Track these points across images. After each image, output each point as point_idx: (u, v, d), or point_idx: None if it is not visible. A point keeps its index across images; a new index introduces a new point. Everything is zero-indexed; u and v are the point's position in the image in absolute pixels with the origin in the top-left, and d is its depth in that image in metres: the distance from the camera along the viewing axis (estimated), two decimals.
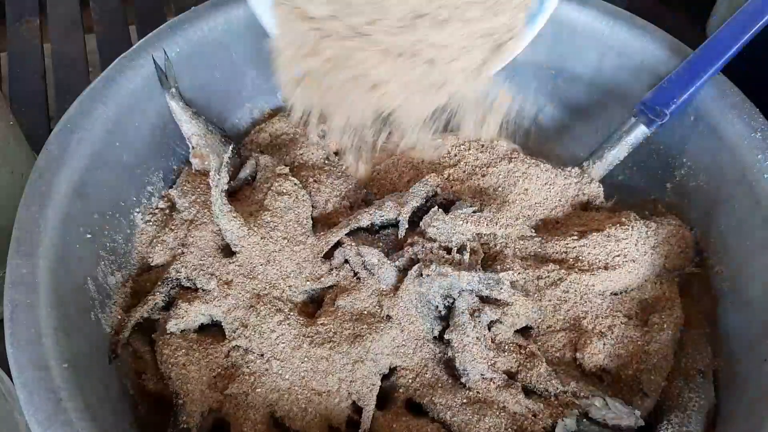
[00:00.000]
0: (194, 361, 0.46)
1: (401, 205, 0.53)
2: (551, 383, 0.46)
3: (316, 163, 0.59)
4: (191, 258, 0.50)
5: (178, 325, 0.48)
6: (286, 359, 0.46)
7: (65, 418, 0.37)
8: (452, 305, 0.49)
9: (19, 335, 0.39)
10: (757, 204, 0.49)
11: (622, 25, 0.59)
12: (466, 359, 0.46)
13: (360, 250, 0.51)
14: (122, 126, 0.51)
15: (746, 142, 0.51)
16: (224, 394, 0.46)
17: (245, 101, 0.63)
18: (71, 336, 0.41)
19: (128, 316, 0.48)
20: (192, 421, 0.44)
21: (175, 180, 0.57)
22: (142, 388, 0.47)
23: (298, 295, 0.50)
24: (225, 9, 0.58)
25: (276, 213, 0.52)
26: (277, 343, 0.47)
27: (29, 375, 0.38)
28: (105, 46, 0.79)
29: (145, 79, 0.53)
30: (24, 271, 0.41)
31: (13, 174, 0.53)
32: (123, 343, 0.47)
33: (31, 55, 0.78)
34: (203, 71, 0.58)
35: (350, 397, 0.46)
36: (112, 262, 0.49)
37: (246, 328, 0.47)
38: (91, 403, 0.39)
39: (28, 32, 0.81)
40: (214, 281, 0.49)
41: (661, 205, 0.59)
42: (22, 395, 0.37)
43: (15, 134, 0.54)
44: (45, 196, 0.45)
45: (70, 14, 0.83)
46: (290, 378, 0.46)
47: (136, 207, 0.53)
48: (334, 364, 0.46)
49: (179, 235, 0.52)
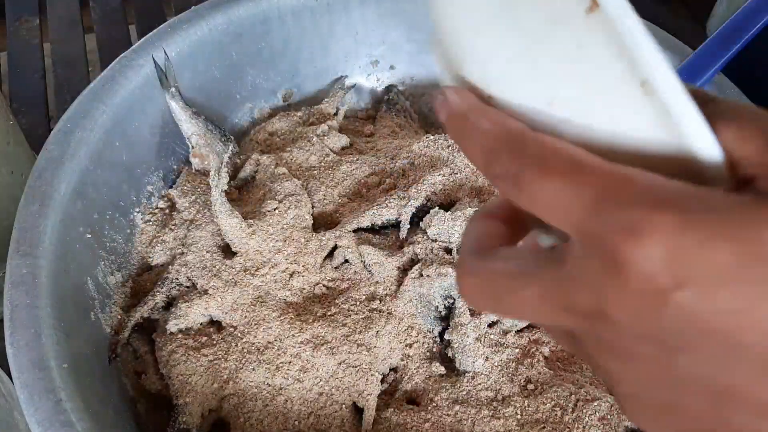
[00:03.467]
0: (194, 361, 0.46)
1: (402, 206, 0.53)
2: (552, 383, 0.46)
3: (316, 163, 0.59)
4: (191, 258, 0.50)
5: (178, 325, 0.48)
6: (287, 360, 0.46)
7: (65, 418, 0.37)
8: (452, 305, 0.49)
9: (19, 335, 0.39)
10: None
11: None
12: (466, 359, 0.46)
13: (360, 250, 0.51)
14: (122, 126, 0.51)
15: None
16: (224, 394, 0.46)
17: (245, 101, 0.63)
18: (71, 336, 0.41)
19: (128, 316, 0.48)
20: (192, 421, 0.44)
21: (175, 180, 0.57)
22: (142, 388, 0.47)
23: (299, 295, 0.50)
24: (225, 9, 0.58)
25: (276, 213, 0.52)
26: (277, 344, 0.47)
27: (29, 375, 0.38)
28: (105, 46, 0.79)
29: (145, 79, 0.53)
30: (24, 271, 0.41)
31: (13, 174, 0.53)
32: (123, 343, 0.47)
33: (31, 54, 0.78)
34: (203, 71, 0.58)
35: (350, 398, 0.46)
36: (112, 262, 0.49)
37: (246, 328, 0.47)
38: (91, 403, 0.39)
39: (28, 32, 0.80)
40: (214, 281, 0.49)
41: None
42: (22, 395, 0.37)
43: (15, 134, 0.54)
44: (45, 196, 0.45)
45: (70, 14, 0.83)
46: (291, 378, 0.46)
47: (136, 207, 0.53)
48: (335, 364, 0.46)
49: (179, 235, 0.52)
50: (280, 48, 0.62)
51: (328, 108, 0.64)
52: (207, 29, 0.57)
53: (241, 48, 0.59)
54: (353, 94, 0.67)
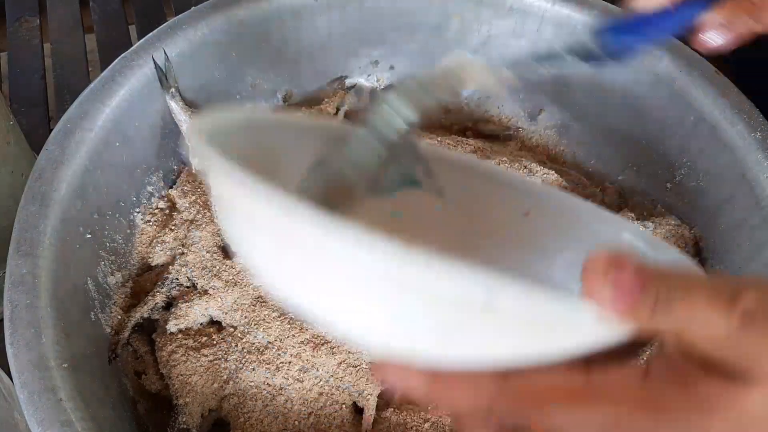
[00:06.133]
0: (194, 361, 0.46)
1: None
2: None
3: None
4: (191, 258, 0.50)
5: (178, 325, 0.48)
6: (287, 360, 0.46)
7: (65, 418, 0.37)
8: None
9: (19, 335, 0.39)
10: (757, 204, 0.49)
11: None
12: None
13: None
14: (122, 126, 0.51)
15: (746, 142, 0.51)
16: (224, 394, 0.46)
17: (245, 101, 0.63)
18: (71, 336, 0.41)
19: (128, 316, 0.48)
20: (192, 421, 0.44)
21: (175, 180, 0.57)
22: (142, 388, 0.47)
23: None
24: (225, 9, 0.58)
25: None
26: (277, 344, 0.47)
27: (29, 375, 0.38)
28: (105, 46, 0.79)
29: (145, 79, 0.53)
30: (24, 271, 0.41)
31: (13, 174, 0.53)
32: (123, 343, 0.47)
33: (31, 55, 0.78)
34: (203, 71, 0.58)
35: (350, 398, 0.46)
36: (112, 262, 0.49)
37: (246, 328, 0.47)
38: (91, 403, 0.39)
39: (28, 32, 0.80)
40: (215, 281, 0.49)
41: (661, 205, 0.59)
42: (22, 395, 0.37)
43: (15, 134, 0.54)
44: (45, 196, 0.45)
45: (70, 14, 0.83)
46: (291, 378, 0.46)
47: (136, 207, 0.53)
48: (335, 364, 0.46)
49: (179, 235, 0.52)
50: (280, 48, 0.62)
51: (328, 108, 0.64)
52: (207, 29, 0.57)
53: (241, 48, 0.59)
54: (353, 95, 0.67)
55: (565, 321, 0.21)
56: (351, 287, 0.21)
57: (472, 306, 0.19)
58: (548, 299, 0.19)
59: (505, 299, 0.19)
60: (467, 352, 0.22)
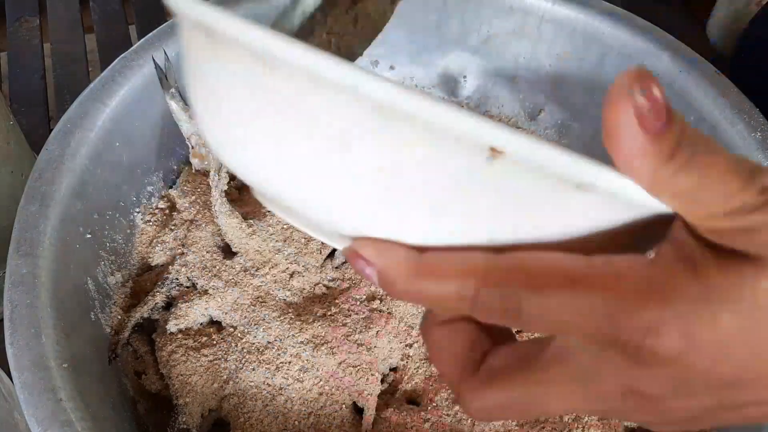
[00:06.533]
0: (194, 361, 0.46)
1: None
2: None
3: None
4: (191, 258, 0.50)
5: (178, 325, 0.48)
6: (287, 360, 0.46)
7: (65, 418, 0.37)
8: None
9: (19, 335, 0.39)
10: None
11: (622, 25, 0.59)
12: None
13: None
14: (122, 126, 0.51)
15: (746, 142, 0.51)
16: (224, 394, 0.46)
17: None
18: (71, 336, 0.41)
19: (128, 316, 0.48)
20: (192, 421, 0.44)
21: (175, 180, 0.57)
22: (142, 388, 0.47)
23: (299, 296, 0.50)
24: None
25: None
26: (277, 344, 0.47)
27: (29, 375, 0.38)
28: (105, 46, 0.79)
29: (145, 79, 0.53)
30: (24, 271, 0.41)
31: (13, 174, 0.53)
32: (123, 343, 0.47)
33: (31, 55, 0.78)
34: None
35: (350, 398, 0.46)
36: (112, 262, 0.49)
37: (246, 328, 0.47)
38: (91, 403, 0.39)
39: (28, 32, 0.80)
40: (215, 281, 0.49)
41: None
42: (22, 395, 0.37)
43: (15, 134, 0.54)
44: (45, 196, 0.45)
45: (70, 14, 0.83)
46: (291, 378, 0.46)
47: (136, 207, 0.53)
48: (335, 364, 0.46)
49: (179, 235, 0.52)
50: None
51: None
52: None
53: None
54: None
55: (573, 185, 0.19)
56: (339, 140, 0.18)
57: (474, 161, 0.18)
58: (562, 153, 0.18)
59: (513, 148, 0.17)
60: (461, 227, 0.20)
